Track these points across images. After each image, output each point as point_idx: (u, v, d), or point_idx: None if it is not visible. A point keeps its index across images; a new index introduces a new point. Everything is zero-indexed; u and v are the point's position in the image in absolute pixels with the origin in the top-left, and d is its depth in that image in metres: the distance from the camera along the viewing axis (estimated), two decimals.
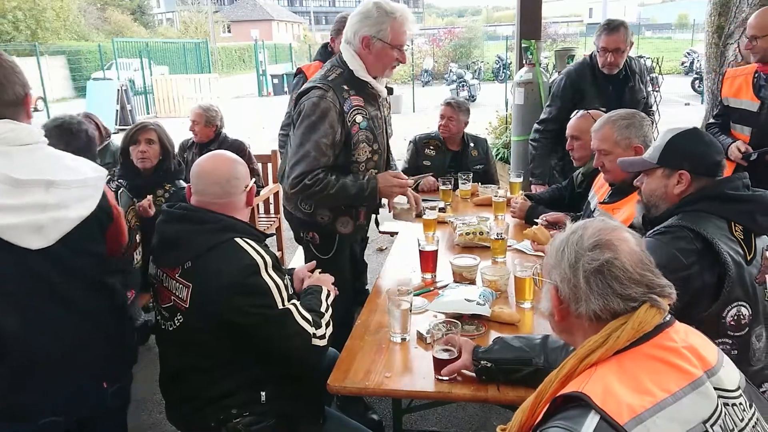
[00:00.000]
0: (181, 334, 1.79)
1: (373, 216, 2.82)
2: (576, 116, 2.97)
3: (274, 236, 4.72)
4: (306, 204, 2.55)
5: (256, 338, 1.75)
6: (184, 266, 1.75)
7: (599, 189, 2.62)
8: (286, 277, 1.92)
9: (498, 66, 25.21)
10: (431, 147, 4.01)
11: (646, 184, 1.87)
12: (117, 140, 4.66)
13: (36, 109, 20.49)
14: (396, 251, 2.84)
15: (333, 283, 2.15)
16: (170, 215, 1.84)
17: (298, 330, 1.76)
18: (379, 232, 3.91)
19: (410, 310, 1.93)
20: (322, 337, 1.83)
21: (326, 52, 3.71)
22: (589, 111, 2.92)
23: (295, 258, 4.15)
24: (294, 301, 1.81)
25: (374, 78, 2.49)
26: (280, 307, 1.74)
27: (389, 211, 2.73)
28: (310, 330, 1.79)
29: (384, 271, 2.60)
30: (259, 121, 15.19)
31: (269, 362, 1.82)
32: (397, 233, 4.27)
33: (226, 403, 1.79)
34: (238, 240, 1.76)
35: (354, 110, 2.42)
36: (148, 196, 2.96)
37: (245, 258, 1.72)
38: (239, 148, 4.13)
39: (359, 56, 2.44)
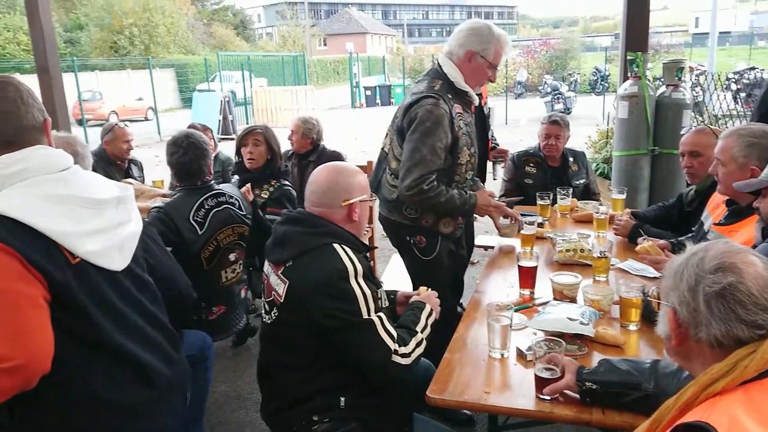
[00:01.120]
0: (275, 328, 1.91)
1: None
2: (694, 131, 2.82)
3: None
4: (411, 209, 2.69)
5: (336, 342, 1.80)
6: (286, 264, 1.86)
7: (714, 209, 2.48)
8: (381, 290, 1.96)
9: (595, 78, 24.48)
10: (531, 164, 3.93)
11: (765, 204, 1.75)
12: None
13: (146, 118, 22.00)
14: (493, 265, 2.81)
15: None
16: (285, 217, 1.97)
17: (378, 342, 1.78)
18: (474, 245, 3.88)
19: (510, 326, 1.90)
20: (406, 355, 1.82)
21: None
22: (710, 126, 2.76)
23: (388, 269, 4.19)
24: (381, 314, 1.83)
25: None
26: (365, 316, 1.78)
27: (497, 232, 2.95)
28: (392, 345, 1.80)
29: (480, 285, 2.58)
30: (352, 132, 15.50)
31: (350, 368, 1.85)
32: (492, 247, 4.25)
33: (308, 407, 1.85)
34: (335, 245, 1.84)
35: (457, 117, 2.63)
36: (247, 185, 3.21)
37: (337, 263, 1.80)
38: (336, 160, 4.23)
39: (459, 68, 2.65)
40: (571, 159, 3.93)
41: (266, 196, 3.47)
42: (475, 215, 2.93)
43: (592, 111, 16.78)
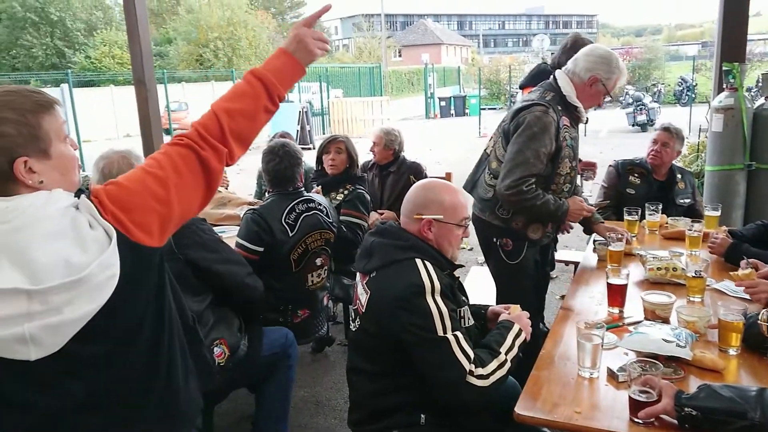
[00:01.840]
0: (358, 336, 1.95)
1: None
2: None
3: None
4: (504, 210, 2.77)
5: (413, 357, 1.80)
6: (371, 275, 1.90)
7: None
8: (464, 309, 1.95)
9: (681, 88, 23.47)
10: (636, 174, 3.81)
11: None
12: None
13: None
14: (579, 281, 2.75)
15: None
16: (376, 228, 2.01)
17: (452, 361, 1.74)
18: (556, 260, 3.80)
19: (602, 346, 1.85)
20: (483, 377, 1.77)
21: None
22: None
23: (466, 282, 4.17)
24: (459, 333, 1.79)
25: None
26: (440, 334, 1.75)
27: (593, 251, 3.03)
28: (467, 366, 1.75)
29: (567, 301, 2.52)
30: (425, 143, 15.53)
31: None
32: (573, 263, 4.15)
33: (388, 422, 1.85)
34: (417, 260, 1.84)
35: (563, 129, 2.71)
36: (316, 187, 3.63)
37: (415, 278, 1.80)
38: (417, 171, 4.26)
39: (576, 87, 2.74)
40: (678, 176, 3.80)
41: (341, 198, 3.64)
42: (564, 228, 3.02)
43: (677, 123, 16.11)
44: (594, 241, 3.03)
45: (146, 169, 1.44)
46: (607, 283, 2.33)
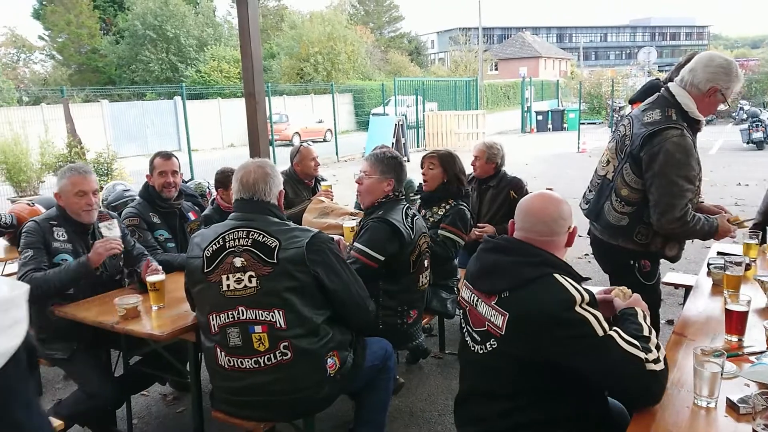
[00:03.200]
0: (490, 359, 1.86)
1: None
2: None
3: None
4: (642, 235, 2.75)
5: (583, 371, 1.74)
6: (501, 295, 1.82)
7: None
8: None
9: None
10: None
11: None
12: None
13: (325, 140, 23.53)
14: (694, 306, 2.61)
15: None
16: (493, 245, 1.95)
17: (625, 355, 1.69)
18: (663, 283, 3.63)
19: (721, 374, 1.75)
20: (657, 360, 1.73)
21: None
22: None
23: None
24: (616, 329, 1.75)
25: None
26: (601, 334, 1.70)
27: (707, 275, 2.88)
28: (641, 354, 1.71)
29: (680, 326, 2.40)
30: (521, 158, 15.27)
31: (569, 400, 1.80)
32: (683, 286, 3.94)
33: None
34: (556, 275, 1.78)
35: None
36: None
37: (563, 293, 1.74)
38: (518, 186, 4.21)
39: (693, 98, 2.66)
40: None
41: (441, 214, 3.64)
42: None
43: None
44: (708, 264, 2.87)
45: None
46: (726, 309, 2.20)
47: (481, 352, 1.88)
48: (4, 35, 40.11)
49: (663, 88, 2.77)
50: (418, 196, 3.89)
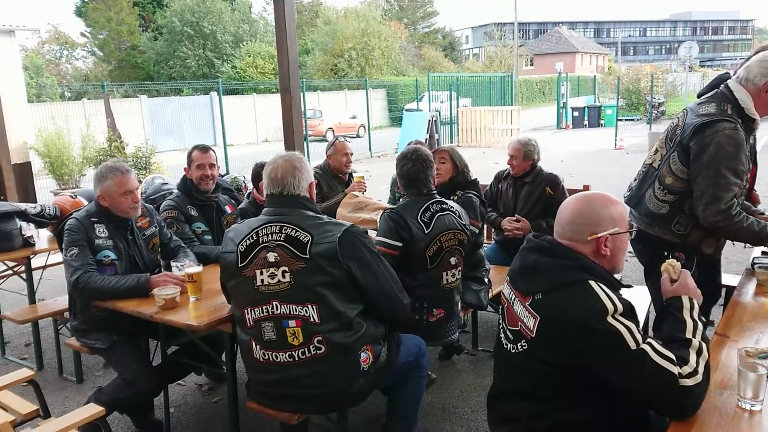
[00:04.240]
0: (521, 360, 1.82)
1: None
2: None
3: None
4: (681, 226, 2.74)
5: (608, 382, 1.68)
6: (535, 296, 1.78)
7: None
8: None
9: None
10: None
11: None
12: None
13: (358, 135, 23.59)
14: (737, 305, 2.54)
15: None
16: (534, 245, 1.90)
17: (658, 371, 1.63)
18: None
19: (767, 377, 1.70)
20: (692, 374, 1.65)
21: None
22: None
23: None
24: (650, 340, 1.69)
25: None
26: (633, 347, 1.65)
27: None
28: (674, 369, 1.64)
29: (723, 326, 2.33)
30: (556, 154, 15.08)
31: (601, 405, 1.75)
32: (733, 287, 3.83)
33: None
34: (592, 283, 1.72)
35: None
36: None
37: (596, 302, 1.68)
38: (553, 182, 4.15)
39: (751, 95, 2.62)
40: None
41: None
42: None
43: None
44: (753, 263, 2.79)
45: None
46: None
47: (513, 351, 1.86)
48: (48, 32, 41.15)
49: (723, 85, 2.72)
50: None
